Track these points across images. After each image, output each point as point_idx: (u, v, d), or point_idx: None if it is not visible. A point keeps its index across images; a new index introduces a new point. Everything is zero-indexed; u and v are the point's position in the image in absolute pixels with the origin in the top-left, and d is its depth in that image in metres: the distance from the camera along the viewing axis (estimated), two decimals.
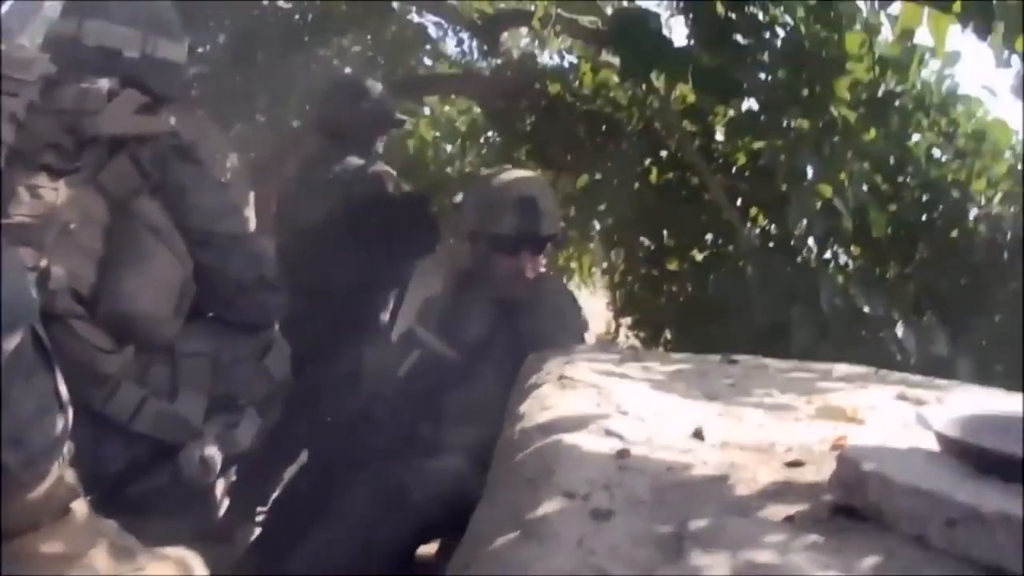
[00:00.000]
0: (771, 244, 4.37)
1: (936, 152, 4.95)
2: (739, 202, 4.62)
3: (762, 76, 4.23)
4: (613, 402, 1.76)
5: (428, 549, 2.80)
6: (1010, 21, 3.07)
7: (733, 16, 3.85)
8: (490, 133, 6.43)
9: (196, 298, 2.43)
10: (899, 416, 1.74)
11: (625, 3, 5.74)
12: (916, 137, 4.88)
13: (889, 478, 1.12)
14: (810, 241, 4.33)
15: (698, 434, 1.55)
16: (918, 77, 4.81)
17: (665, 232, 4.97)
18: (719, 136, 4.88)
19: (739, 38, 3.96)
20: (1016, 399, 2.01)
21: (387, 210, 3.49)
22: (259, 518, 3.15)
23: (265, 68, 5.01)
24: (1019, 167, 5.00)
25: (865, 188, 4.25)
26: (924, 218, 4.70)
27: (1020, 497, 1.04)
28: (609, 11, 5.06)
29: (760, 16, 4.19)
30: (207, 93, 4.79)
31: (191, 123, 2.67)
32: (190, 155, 2.45)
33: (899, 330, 3.87)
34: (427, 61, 6.57)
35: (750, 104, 4.52)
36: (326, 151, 3.69)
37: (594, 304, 6.36)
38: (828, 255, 4.49)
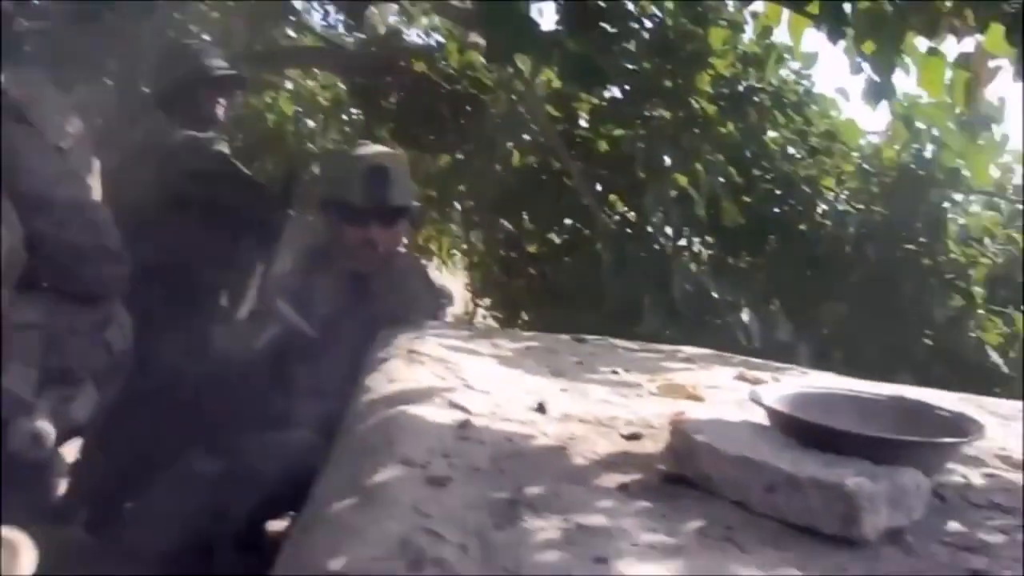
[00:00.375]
0: (629, 230, 4.43)
1: (790, 149, 5.11)
2: (599, 188, 4.67)
3: (627, 66, 4.29)
4: (459, 376, 1.77)
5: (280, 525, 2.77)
6: (860, 27, 3.19)
7: (603, 4, 3.88)
8: (353, 110, 6.36)
9: (30, 267, 2.31)
10: (737, 394, 1.80)
11: None
12: (772, 133, 5.03)
13: (717, 448, 1.17)
14: (668, 229, 4.42)
15: (541, 407, 1.58)
16: (776, 75, 4.96)
17: (525, 215, 5.00)
18: (582, 123, 4.93)
19: (607, 26, 3.99)
20: (846, 381, 2.10)
21: (226, 189, 3.40)
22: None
23: (114, 29, 4.78)
24: (865, 166, 5.21)
25: (721, 180, 4.36)
26: (776, 211, 4.85)
27: (835, 465, 1.10)
28: None
29: (629, 6, 4.25)
30: (44, 51, 4.53)
31: (23, 82, 2.52)
32: (21, 116, 2.33)
33: (745, 316, 3.98)
34: (290, 33, 6.42)
35: (613, 92, 4.59)
36: (161, 120, 3.54)
37: (453, 285, 6.38)
38: (684, 243, 4.59)
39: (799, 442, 1.20)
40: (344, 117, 6.57)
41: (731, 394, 1.83)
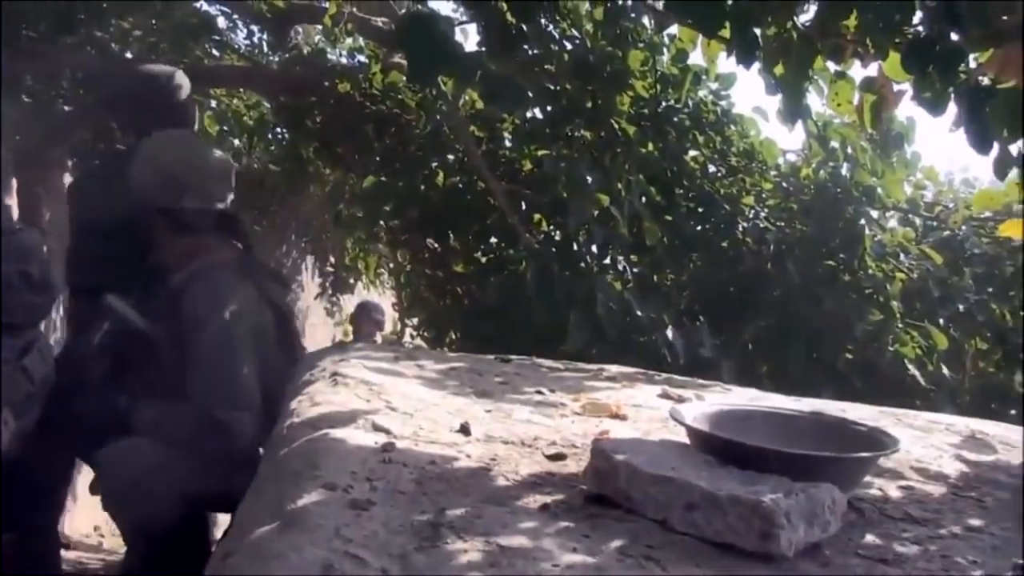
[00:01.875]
0: (553, 249, 4.46)
1: (710, 168, 5.19)
2: (523, 207, 4.70)
3: (549, 87, 4.33)
4: (383, 398, 1.77)
5: None
6: (769, 51, 3.26)
7: (524, 27, 3.91)
8: (278, 129, 6.33)
9: None
10: (660, 412, 1.82)
11: (419, 6, 5.75)
12: (692, 152, 5.11)
13: (637, 467, 1.18)
14: (595, 248, 4.46)
15: (464, 429, 1.58)
16: (692, 95, 5.05)
17: (451, 234, 5.00)
18: (506, 143, 4.96)
19: (527, 48, 4.02)
20: (768, 397, 2.14)
21: None
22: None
23: (32, 47, 4.65)
24: (784, 184, 5.31)
25: (642, 199, 4.41)
26: (697, 229, 4.92)
27: (753, 482, 1.12)
28: (402, 12, 5.05)
29: (549, 28, 4.29)
30: None
31: None
32: None
33: (669, 333, 4.02)
34: (214, 52, 6.35)
35: (535, 112, 4.62)
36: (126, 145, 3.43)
37: (382, 304, 6.37)
38: (607, 261, 4.62)
39: (719, 460, 1.22)
40: (269, 136, 6.53)
41: (655, 412, 1.85)
